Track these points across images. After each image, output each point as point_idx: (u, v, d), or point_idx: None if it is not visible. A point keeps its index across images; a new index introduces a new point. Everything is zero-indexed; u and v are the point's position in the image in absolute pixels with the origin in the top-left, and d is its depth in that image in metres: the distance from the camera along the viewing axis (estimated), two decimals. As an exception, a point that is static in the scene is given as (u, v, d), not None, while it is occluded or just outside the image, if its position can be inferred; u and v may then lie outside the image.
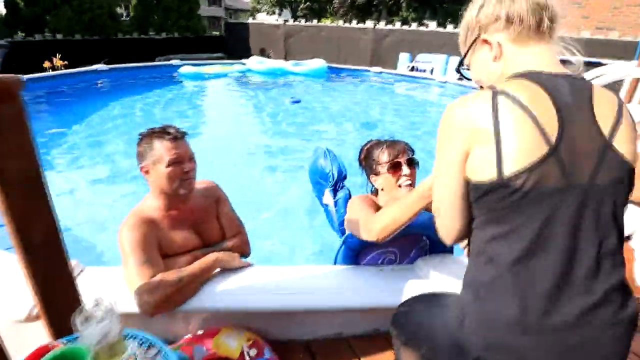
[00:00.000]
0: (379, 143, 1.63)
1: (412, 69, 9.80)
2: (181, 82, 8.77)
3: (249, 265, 1.61)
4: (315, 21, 12.27)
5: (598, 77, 3.48)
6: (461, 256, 1.75)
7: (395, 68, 9.99)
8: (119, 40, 11.49)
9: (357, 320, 1.58)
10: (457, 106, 0.76)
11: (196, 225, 1.61)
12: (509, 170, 0.69)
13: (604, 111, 0.74)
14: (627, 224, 0.90)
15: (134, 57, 9.91)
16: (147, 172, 1.44)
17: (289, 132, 5.49)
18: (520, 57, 0.81)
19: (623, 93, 4.00)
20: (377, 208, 1.68)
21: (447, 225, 0.86)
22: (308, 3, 21.53)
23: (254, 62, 9.97)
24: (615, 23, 9.98)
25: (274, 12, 26.52)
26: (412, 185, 1.56)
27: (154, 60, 10.39)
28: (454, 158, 0.77)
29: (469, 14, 0.89)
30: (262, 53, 11.69)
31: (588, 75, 3.76)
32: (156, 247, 1.44)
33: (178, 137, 1.45)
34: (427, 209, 1.70)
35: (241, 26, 13.17)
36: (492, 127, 0.70)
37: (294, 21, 12.59)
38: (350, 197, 2.17)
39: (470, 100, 0.75)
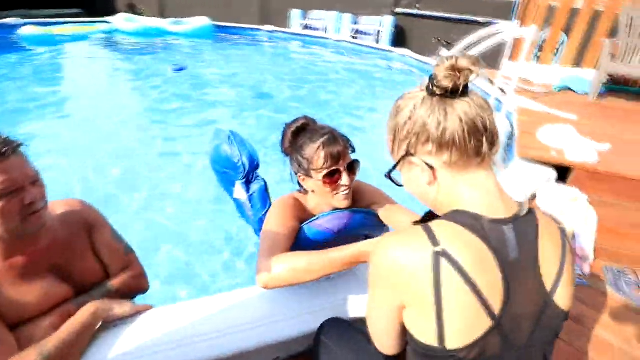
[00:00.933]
0: (312, 135, 1.33)
1: (306, 27, 9.39)
2: (23, 47, 6.73)
3: (146, 308, 1.21)
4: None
5: (483, 40, 3.57)
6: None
7: (287, 26, 9.46)
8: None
9: (297, 344, 1.30)
10: (392, 253, 0.69)
11: (59, 269, 1.14)
12: (451, 345, 0.65)
13: (548, 257, 0.73)
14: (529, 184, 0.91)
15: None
16: None
17: (174, 109, 4.69)
18: (458, 188, 0.74)
19: (508, 53, 4.20)
20: (304, 214, 1.41)
21: (383, 343, 0.83)
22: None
23: (122, 21, 8.37)
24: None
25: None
26: (349, 196, 1.36)
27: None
28: (388, 305, 0.74)
29: (393, 124, 0.79)
30: (132, 9, 10.05)
31: (473, 38, 3.88)
32: None
33: (6, 154, 0.94)
34: (366, 206, 1.48)
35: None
36: (432, 297, 0.65)
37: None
38: (266, 188, 1.83)
39: (408, 251, 0.68)
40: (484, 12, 7.98)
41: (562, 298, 0.73)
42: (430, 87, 0.72)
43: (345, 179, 1.32)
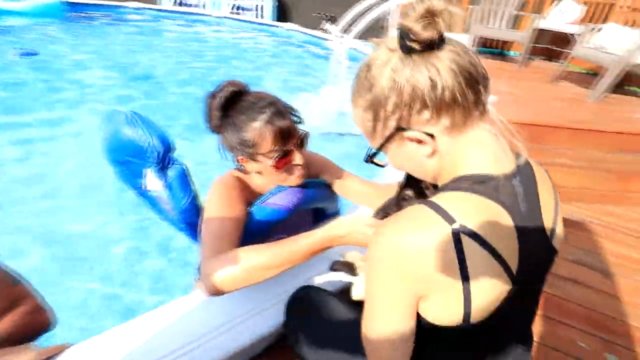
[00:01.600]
0: (249, 109, 1.08)
1: (180, 3, 8.56)
2: None
3: (59, 350, 0.91)
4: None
5: (370, 10, 3.65)
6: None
7: (155, 3, 8.51)
8: None
9: (264, 341, 1.13)
10: (404, 240, 0.58)
11: None
12: (475, 319, 0.60)
13: (546, 203, 0.69)
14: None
15: None
16: None
17: (25, 102, 3.83)
18: (462, 151, 0.65)
19: (395, 21, 4.36)
20: (250, 195, 1.21)
21: (396, 352, 0.66)
22: None
23: None
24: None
25: None
26: (304, 174, 1.19)
27: None
28: (405, 300, 0.62)
29: (369, 100, 0.66)
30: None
31: (359, 8, 3.95)
32: None
33: None
34: (310, 176, 1.32)
35: None
36: (459, 279, 0.57)
37: None
38: (186, 172, 1.54)
39: (423, 235, 0.57)
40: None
41: (557, 240, 0.71)
42: (406, 43, 0.59)
43: (298, 158, 1.15)
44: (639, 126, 2.82)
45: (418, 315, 0.63)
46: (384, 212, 0.89)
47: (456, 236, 0.56)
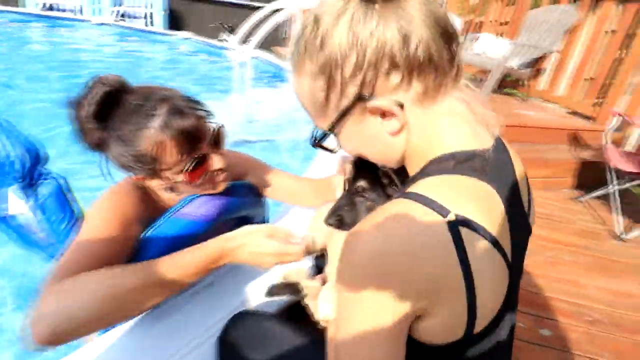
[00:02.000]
0: (137, 114, 0.81)
1: (49, 8, 7.51)
2: None
3: None
4: None
5: (267, 20, 3.59)
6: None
7: (19, 6, 7.36)
8: None
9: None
10: (392, 242, 0.45)
11: None
12: (480, 327, 0.50)
13: (520, 177, 0.61)
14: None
15: None
16: None
17: None
18: (435, 125, 0.54)
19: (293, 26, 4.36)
20: (154, 209, 0.94)
21: None
22: None
23: None
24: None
25: None
26: (227, 176, 0.98)
27: None
28: (392, 320, 0.46)
29: (321, 63, 0.51)
30: None
31: (257, 16, 3.87)
32: None
33: None
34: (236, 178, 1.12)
35: None
36: (461, 280, 0.46)
37: None
38: (63, 188, 1.22)
39: (417, 241, 0.45)
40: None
41: (532, 216, 0.66)
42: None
43: (217, 162, 0.92)
44: (524, 120, 3.17)
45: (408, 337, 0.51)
46: (337, 215, 0.73)
47: (453, 229, 0.45)
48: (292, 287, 0.85)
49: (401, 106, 0.52)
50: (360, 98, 0.52)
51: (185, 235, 0.92)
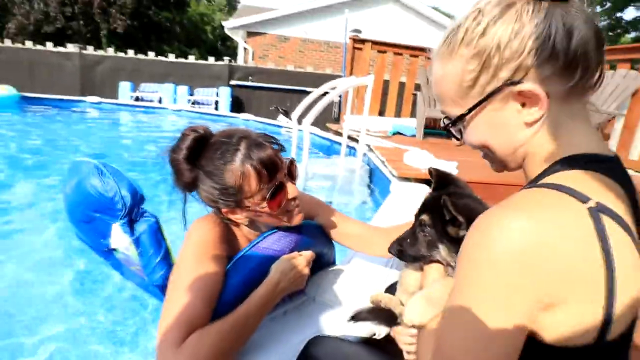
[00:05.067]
0: (222, 151, 0.95)
1: (137, 98, 8.83)
2: None
3: None
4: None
5: (333, 89, 4.00)
6: (337, 267, 1.40)
7: (116, 98, 8.72)
8: None
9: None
10: (532, 234, 0.44)
11: None
12: (615, 332, 0.46)
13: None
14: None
15: None
16: None
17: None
18: (568, 125, 0.55)
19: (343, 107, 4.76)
20: (235, 245, 1.09)
21: None
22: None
23: None
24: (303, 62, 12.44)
25: None
26: (302, 208, 1.09)
27: None
28: (519, 314, 0.45)
29: (483, 45, 0.55)
30: None
31: (310, 97, 4.32)
32: None
33: None
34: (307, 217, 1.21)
35: None
36: (603, 271, 0.44)
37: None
38: (158, 226, 1.43)
39: (558, 225, 0.45)
40: (310, 83, 9.06)
41: None
42: None
43: (292, 190, 1.01)
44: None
45: (528, 339, 0.47)
46: (399, 245, 0.79)
47: (595, 216, 0.45)
48: (385, 314, 0.89)
49: (548, 96, 0.53)
50: (511, 82, 0.54)
51: (263, 266, 1.03)
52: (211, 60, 9.65)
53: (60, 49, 9.08)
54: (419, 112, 4.82)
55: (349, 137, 4.21)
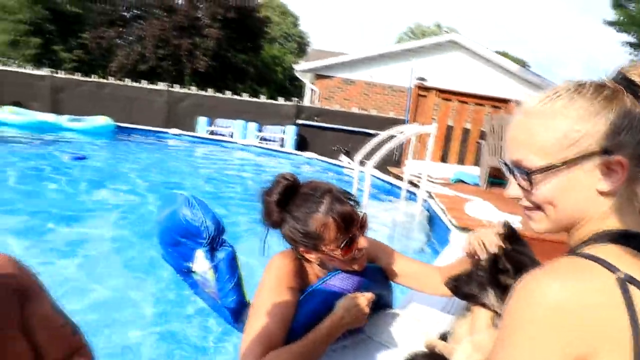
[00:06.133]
0: (308, 201, 1.11)
1: (212, 132, 9.62)
2: None
3: None
4: (94, 76, 10.65)
5: (398, 134, 4.12)
6: (395, 310, 1.46)
7: (193, 131, 9.58)
8: None
9: None
10: (562, 287, 0.52)
11: None
12: None
13: None
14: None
15: None
16: None
17: (77, 199, 4.15)
18: (631, 201, 0.62)
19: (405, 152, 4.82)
20: (306, 279, 1.24)
21: None
22: (76, 63, 18.99)
23: (9, 113, 7.68)
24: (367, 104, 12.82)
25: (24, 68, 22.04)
26: (366, 257, 1.23)
27: None
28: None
29: (600, 112, 0.61)
30: (18, 105, 9.18)
31: (375, 140, 4.45)
32: None
33: None
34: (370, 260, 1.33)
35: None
36: (629, 331, 0.50)
37: (65, 74, 10.59)
38: (234, 255, 1.60)
39: (585, 282, 0.53)
40: (373, 125, 9.26)
41: None
42: (636, 90, 0.61)
43: (362, 242, 1.15)
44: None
45: None
46: (455, 282, 0.89)
47: (623, 285, 0.52)
48: (434, 358, 0.95)
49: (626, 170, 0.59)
50: (608, 152, 0.60)
51: (331, 302, 1.16)
52: (280, 100, 10.33)
53: (153, 86, 10.30)
54: (482, 160, 4.75)
55: (410, 182, 4.26)
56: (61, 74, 10.47)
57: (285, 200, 1.14)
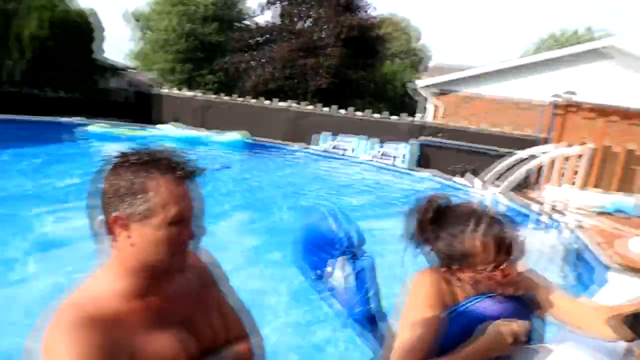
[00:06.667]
0: (461, 220, 1.11)
1: (333, 147, 10.04)
2: (87, 141, 8.00)
3: None
4: (235, 96, 12.17)
5: (541, 156, 3.71)
6: (548, 345, 1.31)
7: (315, 145, 10.14)
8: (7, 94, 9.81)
9: None
10: None
11: (189, 322, 0.94)
12: None
13: None
14: None
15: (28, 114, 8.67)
16: (125, 227, 0.79)
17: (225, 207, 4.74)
18: None
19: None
20: (450, 299, 1.18)
21: None
22: (217, 84, 21.86)
23: (171, 129, 9.31)
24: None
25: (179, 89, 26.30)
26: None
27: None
28: None
29: None
30: (177, 122, 10.99)
31: (508, 161, 4.06)
32: None
33: (192, 176, 0.85)
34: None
35: (154, 94, 12.48)
36: None
37: (213, 94, 12.34)
38: (374, 266, 1.63)
39: None
40: (502, 144, 8.53)
41: None
42: None
43: (521, 266, 1.14)
44: None
45: None
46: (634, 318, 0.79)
47: None
48: None
49: None
50: None
51: (477, 323, 1.11)
52: (403, 116, 10.26)
53: (282, 104, 11.26)
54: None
55: (553, 209, 3.79)
56: (209, 95, 12.17)
57: (438, 219, 1.16)
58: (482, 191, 3.99)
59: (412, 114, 10.38)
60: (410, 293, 1.17)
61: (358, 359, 1.82)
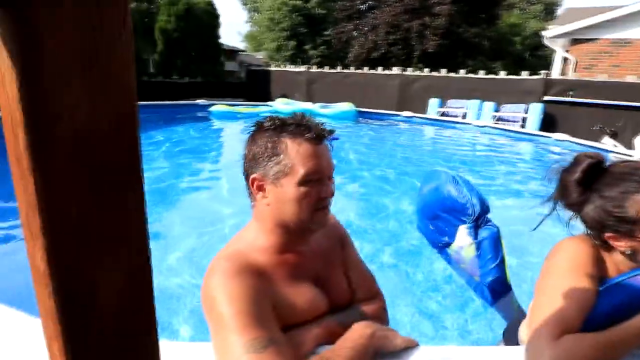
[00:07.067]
0: (622, 181, 0.97)
1: (443, 114, 9.47)
2: (211, 120, 9.07)
3: (412, 344, 0.97)
4: (339, 68, 12.24)
5: None
6: None
7: (423, 113, 9.67)
8: (143, 83, 11.48)
9: None
10: None
11: (319, 279, 1.00)
12: None
13: None
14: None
15: (159, 100, 10.01)
16: (261, 188, 0.88)
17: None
18: None
19: None
20: (602, 271, 1.04)
21: None
22: (320, 58, 22.16)
23: (281, 104, 9.81)
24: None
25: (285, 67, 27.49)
26: None
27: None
28: None
29: None
30: (285, 97, 11.57)
31: None
32: (272, 314, 0.83)
33: (322, 137, 0.90)
34: None
35: (263, 73, 13.23)
36: None
37: (317, 68, 12.60)
38: (499, 235, 1.54)
39: None
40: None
41: None
42: None
43: None
44: None
45: None
46: None
47: None
48: None
49: None
50: None
51: (632, 300, 0.97)
52: (524, 74, 9.10)
53: (387, 71, 10.93)
54: None
55: None
56: (313, 69, 12.45)
57: (589, 180, 1.03)
58: (626, 157, 3.39)
59: (534, 72, 9.12)
60: (561, 260, 1.06)
61: (485, 331, 1.76)
